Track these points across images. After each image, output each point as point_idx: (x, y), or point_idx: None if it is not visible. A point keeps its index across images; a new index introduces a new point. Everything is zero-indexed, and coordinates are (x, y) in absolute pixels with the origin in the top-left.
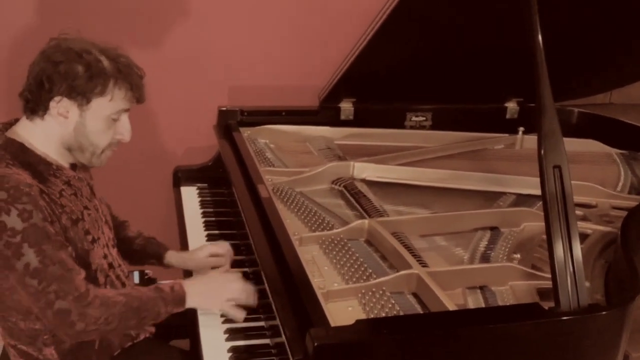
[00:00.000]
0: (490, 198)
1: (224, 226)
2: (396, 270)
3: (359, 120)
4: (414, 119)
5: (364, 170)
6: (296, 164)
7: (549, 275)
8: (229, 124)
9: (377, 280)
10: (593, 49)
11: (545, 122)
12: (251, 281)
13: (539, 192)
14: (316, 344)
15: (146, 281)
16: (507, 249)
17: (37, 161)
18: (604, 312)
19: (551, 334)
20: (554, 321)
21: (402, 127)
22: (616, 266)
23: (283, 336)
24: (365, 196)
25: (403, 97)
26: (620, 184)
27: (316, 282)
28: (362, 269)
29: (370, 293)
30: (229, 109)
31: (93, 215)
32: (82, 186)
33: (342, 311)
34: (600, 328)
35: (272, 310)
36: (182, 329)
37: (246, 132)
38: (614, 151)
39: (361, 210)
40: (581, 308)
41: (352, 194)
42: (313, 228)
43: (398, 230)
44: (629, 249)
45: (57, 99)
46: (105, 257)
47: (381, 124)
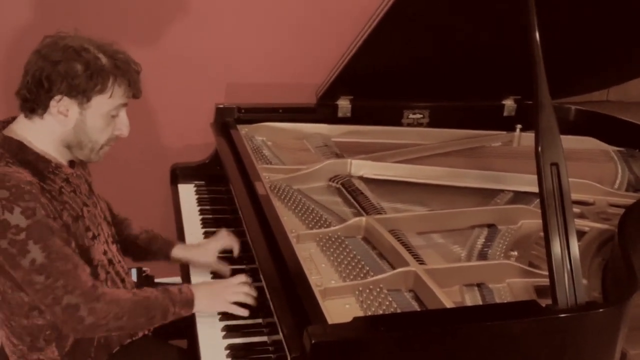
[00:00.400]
0: (487, 195)
1: (221, 223)
2: (393, 268)
3: (357, 118)
4: (411, 116)
5: (361, 168)
6: (293, 161)
7: (546, 273)
8: (226, 121)
9: (374, 278)
10: (590, 46)
11: (543, 120)
12: (250, 279)
13: (536, 189)
14: (313, 341)
15: (144, 278)
16: (504, 247)
17: (36, 159)
18: (601, 310)
19: (548, 331)
20: (551, 319)
21: (400, 124)
22: (613, 264)
23: (280, 334)
24: (362, 194)
25: (400, 95)
26: (618, 181)
27: (313, 279)
28: (360, 266)
29: (367, 290)
30: (226, 106)
31: (92, 211)
32: (81, 183)
33: (340, 309)
34: (597, 325)
35: (270, 308)
36: (180, 329)
37: (243, 130)
38: (611, 148)
39: (358, 208)
40: (578, 306)
41: (350, 191)
42: (310, 225)
43: (395, 227)
44: (627, 246)
45: (57, 98)
46: (105, 253)
47: (378, 121)
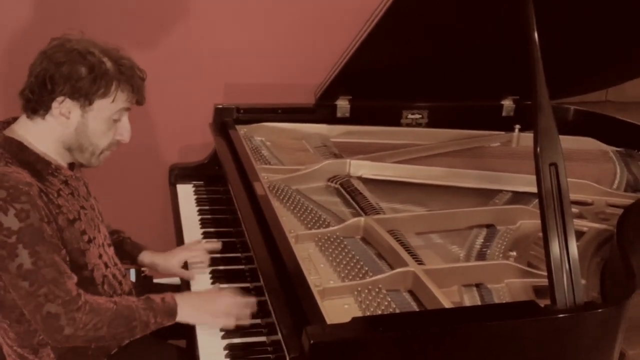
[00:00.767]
0: (486, 196)
1: (220, 224)
2: (392, 268)
3: (355, 118)
4: (410, 116)
5: (360, 168)
6: (292, 161)
7: (545, 273)
8: (225, 121)
9: (373, 278)
10: (589, 46)
11: (542, 120)
12: (245, 295)
13: (535, 189)
14: (312, 341)
15: (142, 279)
16: (503, 247)
17: (36, 160)
18: (599, 310)
19: (547, 331)
20: (550, 319)
21: (398, 124)
22: (612, 264)
23: (279, 334)
24: (361, 194)
25: (399, 95)
26: (616, 181)
27: (312, 279)
28: (358, 266)
29: (366, 291)
30: (225, 106)
31: (89, 214)
32: (79, 185)
33: (338, 309)
34: (596, 326)
35: (268, 308)
36: (179, 328)
37: (242, 130)
38: (610, 149)
39: (357, 208)
40: (577, 306)
41: (349, 191)
42: (309, 226)
43: (394, 227)
44: (625, 246)
45: (59, 99)
46: (100, 256)
47: (377, 121)
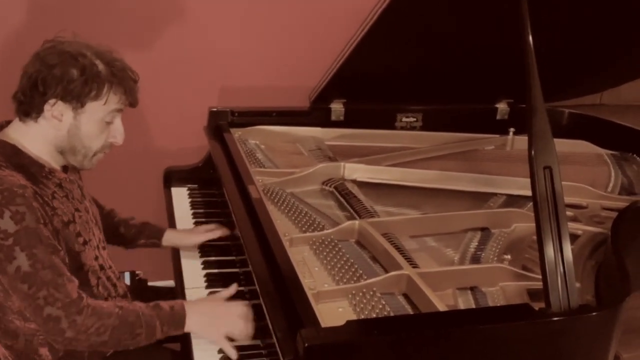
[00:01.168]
0: (480, 199)
1: None
2: (386, 271)
3: (350, 121)
4: (404, 119)
5: (354, 171)
6: (287, 164)
7: (540, 276)
8: (219, 124)
9: (367, 281)
10: (584, 49)
11: (536, 123)
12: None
13: (529, 192)
14: (307, 344)
15: (137, 282)
16: (497, 250)
17: (29, 163)
18: (594, 313)
19: (541, 334)
20: (544, 322)
21: (393, 127)
22: (607, 267)
23: (274, 337)
24: (355, 197)
25: (393, 98)
26: (611, 184)
27: (307, 282)
28: (353, 269)
29: (360, 294)
30: (219, 109)
31: (84, 217)
32: (73, 188)
33: (333, 312)
34: (590, 329)
35: (263, 311)
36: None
37: (237, 133)
38: (604, 152)
39: (352, 211)
40: (572, 309)
41: (343, 194)
42: (304, 229)
43: (388, 231)
44: (620, 249)
45: (51, 101)
46: (96, 258)
47: (372, 124)
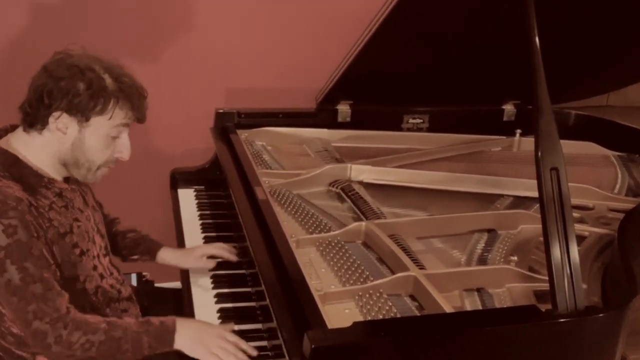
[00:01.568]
0: (487, 200)
1: (221, 228)
2: (393, 273)
3: (356, 123)
4: (411, 121)
5: (361, 173)
6: (293, 166)
7: (546, 278)
8: (226, 126)
9: (374, 283)
10: (590, 51)
11: (543, 124)
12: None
13: (536, 194)
14: (313, 346)
15: (144, 283)
16: (504, 251)
17: (29, 174)
18: (601, 315)
19: (548, 336)
20: (551, 323)
21: (399, 129)
22: (613, 268)
23: (280, 338)
24: (362, 198)
25: (400, 100)
26: (618, 186)
27: (313, 284)
28: (359, 271)
29: (367, 295)
30: (226, 111)
31: (83, 226)
32: (75, 197)
33: (339, 313)
34: (597, 330)
35: (269, 313)
36: None
37: (243, 134)
38: (611, 153)
39: (358, 213)
40: (578, 310)
41: (349, 196)
42: (310, 230)
43: (395, 232)
44: (626, 251)
45: (56, 114)
46: (95, 268)
47: (378, 126)
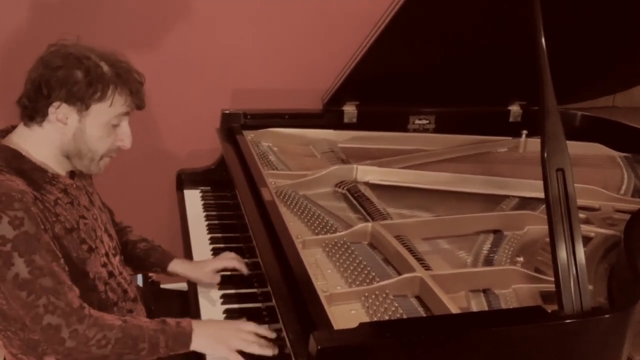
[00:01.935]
0: (493, 201)
1: (227, 229)
2: (399, 274)
3: (362, 123)
4: (417, 122)
5: (367, 174)
6: (299, 167)
7: (552, 279)
8: (232, 127)
9: (380, 284)
10: (597, 51)
11: (549, 125)
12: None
13: (542, 195)
14: (319, 346)
15: (150, 284)
16: (510, 252)
17: (31, 169)
18: (607, 315)
19: (554, 337)
20: (557, 324)
21: (406, 130)
22: (619, 269)
23: (286, 339)
24: (368, 199)
25: (406, 100)
26: (624, 187)
27: (319, 285)
28: (365, 272)
29: (373, 296)
30: (232, 112)
31: (90, 224)
32: (80, 195)
33: (345, 314)
34: (603, 331)
35: (276, 313)
36: None
37: (249, 135)
38: (617, 154)
39: (364, 214)
40: (584, 311)
41: (356, 197)
42: (316, 231)
43: (401, 233)
44: (632, 252)
45: (55, 104)
46: (104, 265)
47: (384, 127)
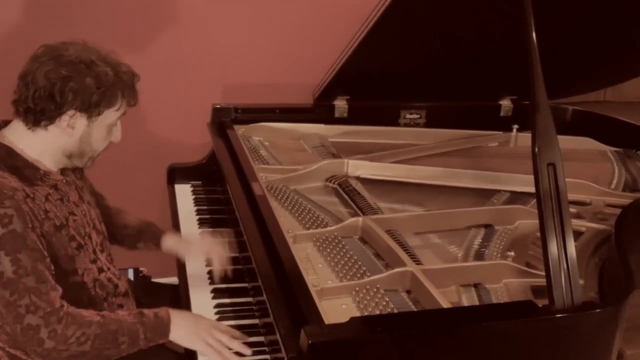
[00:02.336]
0: (484, 196)
1: (218, 224)
2: (390, 268)
3: (353, 118)
4: (408, 116)
5: (358, 168)
6: (290, 161)
7: (543, 273)
8: (223, 121)
9: (371, 278)
10: (588, 46)
11: (540, 120)
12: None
13: (533, 189)
14: (310, 341)
15: (140, 279)
16: (501, 247)
17: (24, 165)
18: (598, 310)
19: (545, 331)
20: (548, 319)
21: (396, 124)
22: (610, 264)
23: (277, 334)
24: (359, 194)
25: (397, 95)
26: (615, 181)
27: (310, 279)
28: (356, 266)
29: (364, 291)
30: (223, 106)
31: (79, 221)
32: (70, 190)
33: (336, 309)
34: (594, 326)
35: (266, 308)
36: None
37: (240, 130)
38: (608, 149)
39: (355, 208)
40: (575, 306)
41: (347, 191)
42: (307, 226)
43: (392, 227)
44: (623, 246)
45: (70, 113)
46: (94, 261)
47: (375, 121)
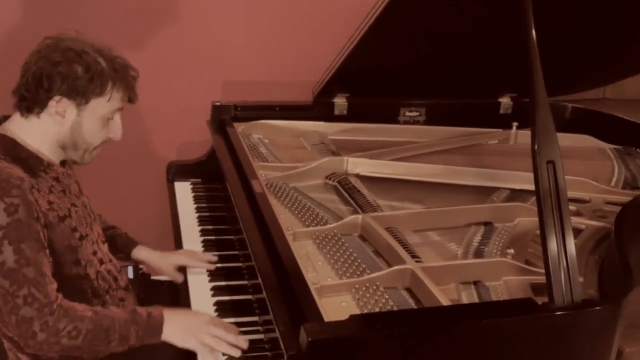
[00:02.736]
0: (484, 193)
1: (217, 221)
2: (390, 266)
3: (353, 116)
4: (407, 114)
5: (357, 166)
6: (290, 159)
7: (543, 271)
8: (222, 119)
9: (370, 276)
10: (587, 44)
11: (539, 117)
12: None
13: (532, 187)
14: (310, 339)
15: (140, 276)
16: (500, 244)
17: (28, 156)
18: (597, 308)
19: (545, 329)
20: (547, 316)
21: (396, 122)
22: (610, 261)
23: (277, 331)
24: (359, 191)
25: (397, 92)
26: (614, 179)
27: (310, 277)
28: (356, 264)
29: (364, 288)
30: (222, 104)
31: (81, 212)
32: (71, 183)
33: (336, 306)
34: (594, 323)
35: (266, 306)
36: None
37: (240, 127)
38: (607, 146)
39: (355, 206)
40: (575, 303)
41: (346, 189)
42: (307, 223)
43: (392, 225)
44: (623, 244)
45: (56, 98)
46: (95, 253)
47: (375, 119)
